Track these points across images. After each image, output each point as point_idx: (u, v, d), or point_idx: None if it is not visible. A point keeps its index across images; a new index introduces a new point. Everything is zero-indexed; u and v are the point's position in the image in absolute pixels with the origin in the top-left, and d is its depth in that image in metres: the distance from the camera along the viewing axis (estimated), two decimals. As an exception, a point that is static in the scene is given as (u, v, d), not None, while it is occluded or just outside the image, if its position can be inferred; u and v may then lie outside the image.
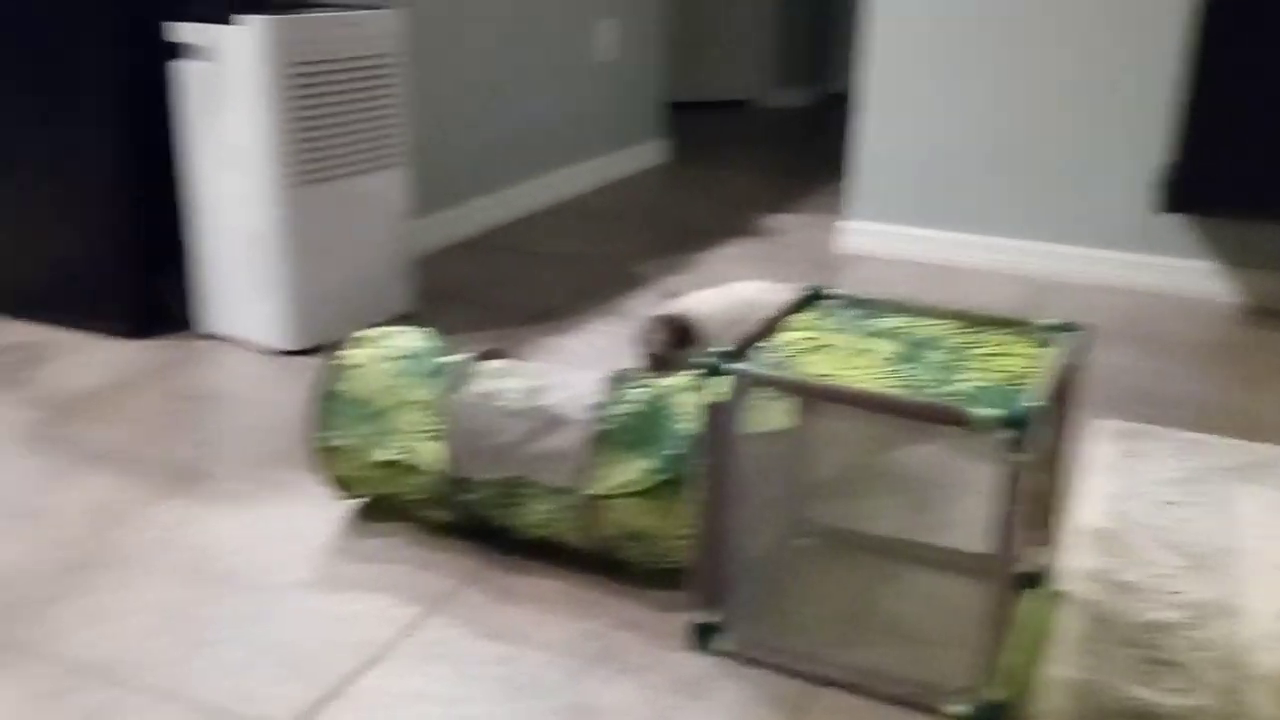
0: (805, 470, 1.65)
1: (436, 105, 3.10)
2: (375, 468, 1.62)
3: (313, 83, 2.24)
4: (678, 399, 1.51)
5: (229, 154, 2.25)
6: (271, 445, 1.94)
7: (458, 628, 1.45)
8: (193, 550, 1.62)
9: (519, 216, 3.54)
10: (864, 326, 1.49)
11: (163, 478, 1.83)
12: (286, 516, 1.72)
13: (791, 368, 1.35)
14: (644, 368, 1.96)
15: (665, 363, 1.96)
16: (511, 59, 3.43)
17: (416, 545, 1.64)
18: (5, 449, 1.91)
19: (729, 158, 4.68)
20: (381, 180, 2.45)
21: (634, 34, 4.10)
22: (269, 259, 2.28)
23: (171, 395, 2.14)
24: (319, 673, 1.36)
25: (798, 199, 3.91)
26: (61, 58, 2.28)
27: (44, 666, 1.36)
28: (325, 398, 1.65)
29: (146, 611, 1.47)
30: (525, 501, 1.55)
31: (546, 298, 2.77)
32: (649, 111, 4.35)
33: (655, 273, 2.97)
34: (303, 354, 2.34)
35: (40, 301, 2.47)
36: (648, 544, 1.50)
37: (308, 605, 1.50)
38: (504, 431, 1.55)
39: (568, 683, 1.35)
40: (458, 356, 1.68)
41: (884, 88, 3.14)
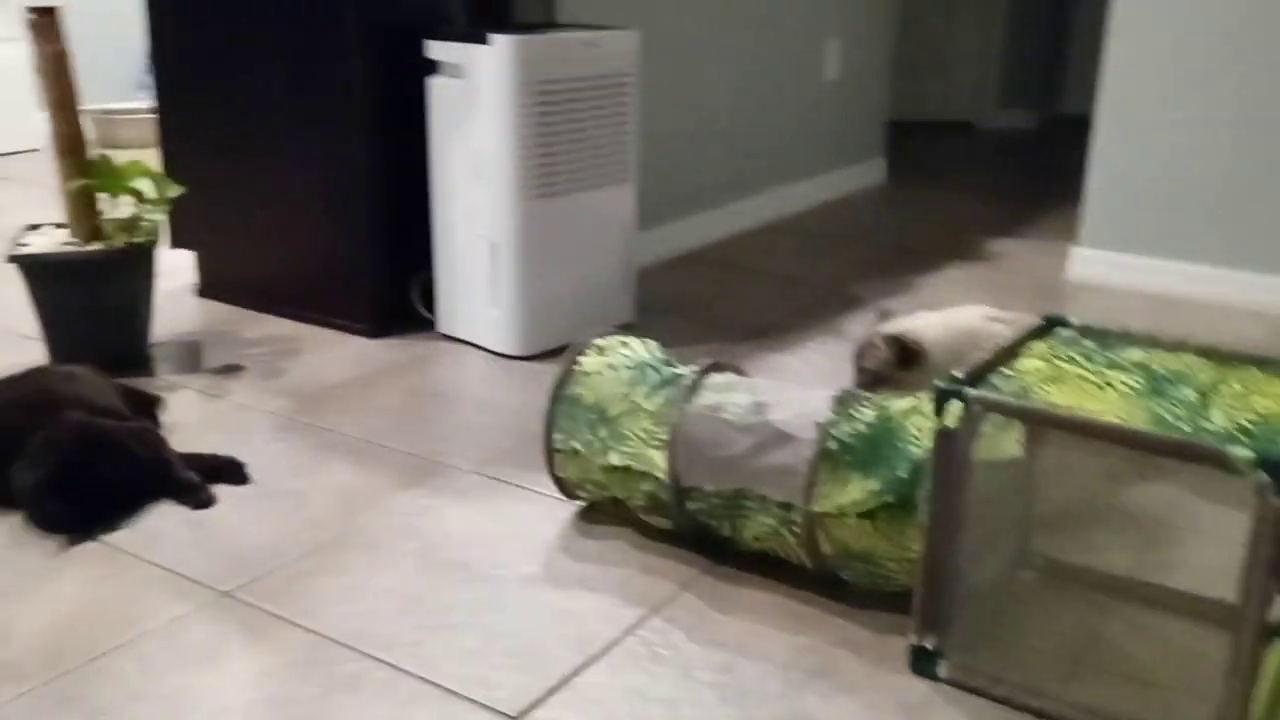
0: (1033, 501, 1.62)
1: (660, 122, 3.17)
2: (605, 472, 1.68)
3: (554, 100, 2.33)
4: (907, 421, 1.51)
5: (473, 166, 2.37)
6: (501, 444, 2.03)
7: (678, 632, 1.49)
8: (429, 538, 1.72)
9: (736, 233, 3.58)
10: (1104, 358, 1.46)
11: (402, 468, 1.94)
12: (515, 513, 1.80)
13: (1030, 397, 1.33)
14: (861, 384, 1.94)
15: (884, 381, 1.94)
16: (737, 77, 3.47)
17: (638, 549, 1.69)
18: (261, 434, 2.06)
19: (950, 179, 4.60)
20: (612, 194, 2.52)
21: (857, 53, 4.09)
22: (504, 267, 2.39)
23: (410, 392, 2.26)
24: (545, 664, 1.42)
25: (1023, 224, 3.81)
26: (327, 71, 2.45)
27: (298, 636, 1.47)
28: (561, 401, 1.72)
29: (391, 593, 1.57)
30: (748, 514, 1.58)
31: (764, 315, 2.79)
32: (870, 131, 4.33)
33: (873, 294, 2.96)
34: (529, 359, 2.44)
35: (294, 299, 2.66)
36: (869, 565, 1.51)
37: (535, 599, 1.56)
38: (730, 444, 1.58)
39: (786, 694, 1.37)
40: (686, 368, 1.72)
41: (1122, 111, 3.03)
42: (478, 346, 2.50)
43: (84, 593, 1.56)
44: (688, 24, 3.21)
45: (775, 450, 1.55)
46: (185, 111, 2.71)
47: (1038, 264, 3.31)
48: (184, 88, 2.70)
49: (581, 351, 1.76)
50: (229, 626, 1.49)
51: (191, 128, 2.71)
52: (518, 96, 2.27)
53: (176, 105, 2.73)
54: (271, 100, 2.55)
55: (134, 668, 1.40)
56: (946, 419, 1.31)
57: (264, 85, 2.55)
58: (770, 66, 3.62)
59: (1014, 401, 1.32)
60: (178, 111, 2.73)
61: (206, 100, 2.66)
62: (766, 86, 3.62)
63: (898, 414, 1.52)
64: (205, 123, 2.68)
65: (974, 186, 4.48)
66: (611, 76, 2.44)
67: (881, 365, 1.94)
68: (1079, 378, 1.40)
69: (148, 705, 1.33)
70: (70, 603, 1.53)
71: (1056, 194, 4.25)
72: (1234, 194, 2.93)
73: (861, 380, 1.96)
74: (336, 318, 2.60)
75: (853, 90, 4.11)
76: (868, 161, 4.35)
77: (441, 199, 2.47)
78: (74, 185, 2.24)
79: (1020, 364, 1.44)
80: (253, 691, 1.36)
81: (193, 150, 2.72)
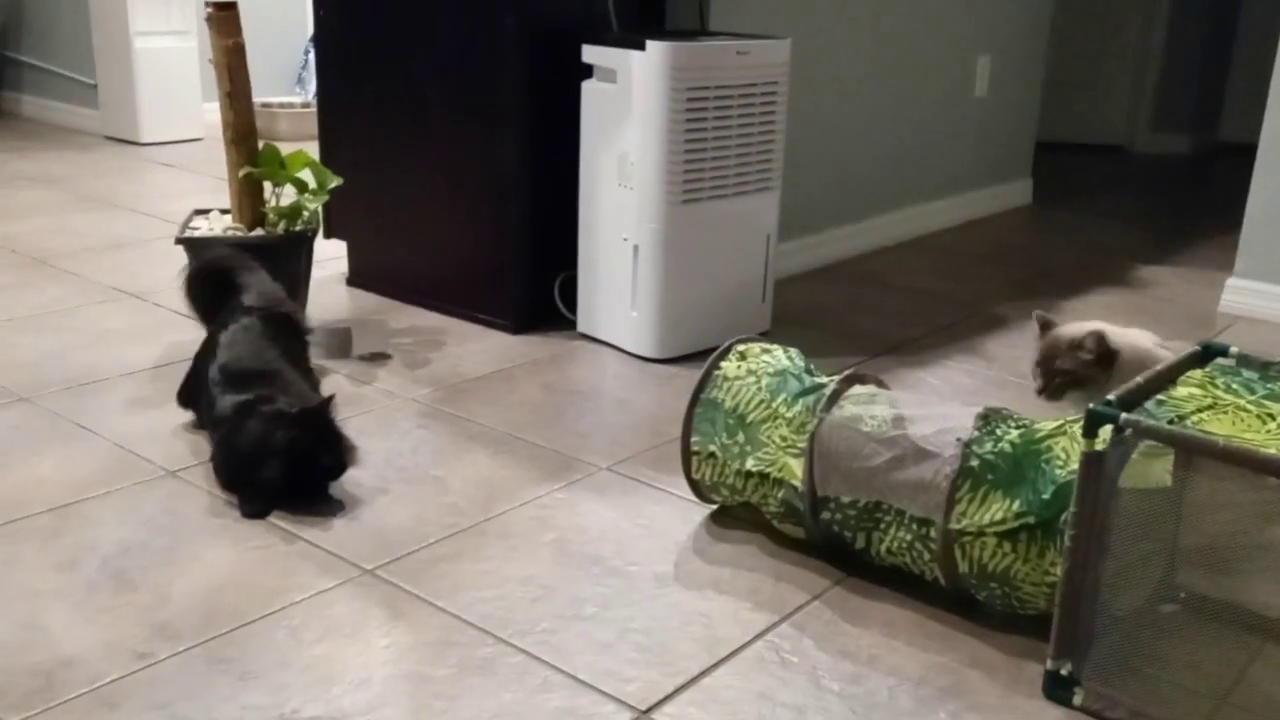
0: (1182, 533, 1.57)
1: (806, 132, 3.17)
2: (741, 477, 1.69)
3: (704, 106, 2.35)
4: (1052, 442, 1.48)
5: (621, 169, 2.41)
6: (637, 444, 2.06)
7: (807, 639, 1.49)
8: (565, 531, 1.75)
9: (876, 248, 3.55)
10: (1265, 389, 1.41)
11: (540, 462, 1.98)
12: (649, 512, 1.82)
13: (1185, 424, 1.30)
14: (1052, 387, 1.88)
15: (1078, 382, 1.86)
16: (886, 91, 3.44)
17: (770, 556, 1.70)
18: (405, 420, 2.13)
19: (1098, 203, 4.49)
20: (756, 203, 2.53)
21: (1007, 70, 4.02)
22: (645, 271, 2.42)
23: (549, 388, 2.31)
24: (674, 661, 1.44)
25: (1174, 252, 3.69)
26: (483, 71, 2.52)
27: (435, 617, 1.52)
28: (700, 404, 1.73)
29: (526, 582, 1.61)
30: (884, 527, 1.57)
31: (902, 330, 2.77)
32: (1017, 151, 4.25)
33: (1014, 315, 2.90)
34: (665, 362, 2.46)
35: (440, 292, 2.73)
36: (1006, 587, 1.48)
37: (666, 597, 1.58)
38: (869, 456, 1.57)
39: (917, 711, 1.36)
40: (827, 378, 1.72)
41: (1289, 139, 2.92)
42: (616, 347, 2.54)
43: (237, 562, 1.63)
44: (840, 35, 3.20)
45: (914, 465, 1.54)
46: (345, 106, 2.82)
47: (1189, 293, 3.21)
48: (345, 83, 2.80)
49: (723, 356, 1.77)
50: (371, 603, 1.54)
51: (350, 122, 2.81)
52: (669, 102, 2.30)
53: (336, 100, 2.84)
54: (427, 98, 2.63)
55: (281, 636, 1.46)
56: (1097, 442, 1.29)
57: (421, 83, 2.64)
58: (920, 82, 3.58)
59: (1169, 428, 1.29)
60: (337, 106, 2.84)
61: (365, 96, 2.76)
62: (915, 102, 3.59)
63: (1043, 434, 1.50)
64: (363, 118, 2.78)
65: (1123, 211, 4.36)
66: (761, 85, 2.46)
67: (1080, 365, 1.86)
68: (1237, 408, 1.36)
69: (293, 672, 1.39)
70: (224, 571, 1.61)
71: (1210, 222, 4.11)
72: (1407, 229, 2.80)
73: (1053, 382, 1.88)
74: (480, 312, 2.67)
75: (1001, 108, 4.04)
76: (1014, 181, 4.26)
77: (588, 201, 2.51)
78: (241, 173, 2.35)
79: (1176, 391, 1.41)
80: (391, 667, 1.41)
81: (350, 144, 2.82)
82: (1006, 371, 2.51)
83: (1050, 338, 1.90)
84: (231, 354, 1.95)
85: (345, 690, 1.36)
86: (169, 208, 3.71)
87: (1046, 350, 1.88)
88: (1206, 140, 5.89)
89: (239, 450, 1.81)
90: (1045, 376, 1.87)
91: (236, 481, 1.82)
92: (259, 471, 1.77)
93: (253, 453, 1.78)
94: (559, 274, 2.65)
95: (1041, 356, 1.88)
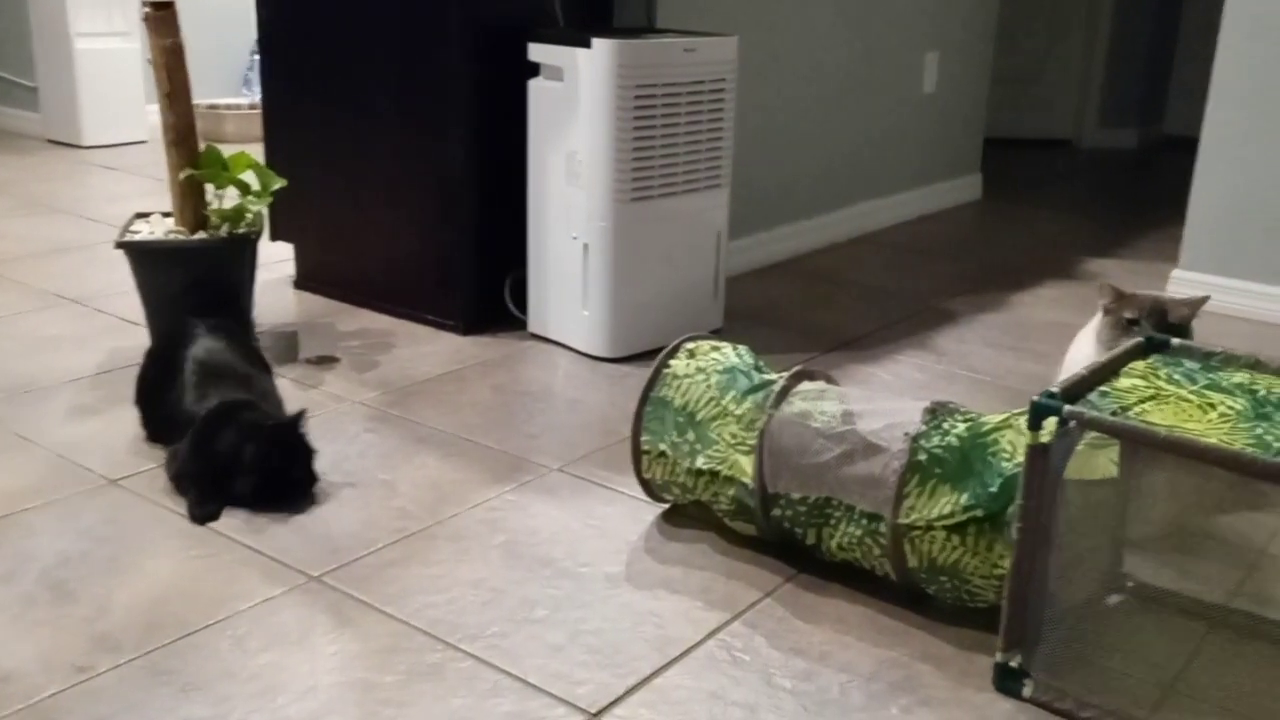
0: (1127, 523, 1.59)
1: (753, 130, 3.17)
2: (691, 475, 1.68)
3: (652, 104, 2.34)
4: (997, 435, 1.49)
5: (569, 167, 2.39)
6: (588, 444, 2.05)
7: (759, 637, 1.49)
8: (515, 533, 1.73)
9: (827, 244, 3.56)
10: (1206, 380, 1.42)
11: (490, 464, 1.96)
12: (600, 512, 1.81)
13: (1128, 416, 1.31)
14: (1114, 334, 1.88)
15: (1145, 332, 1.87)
16: (834, 88, 3.45)
17: (722, 554, 1.69)
18: (353, 424, 2.10)
19: (1047, 198, 4.53)
20: (706, 200, 2.53)
21: (956, 67, 4.05)
22: (596, 269, 2.40)
23: (500, 389, 2.29)
24: (626, 663, 1.43)
25: (1121, 245, 3.73)
26: (428, 71, 2.49)
27: (383, 623, 1.50)
28: (650, 403, 1.72)
29: (476, 585, 1.59)
30: (834, 523, 1.57)
31: (853, 326, 2.77)
32: (966, 146, 4.28)
33: (965, 310, 2.92)
34: (617, 361, 2.45)
35: (389, 294, 2.70)
36: (956, 580, 1.49)
37: (617, 598, 1.57)
38: (818, 452, 1.57)
39: (868, 706, 1.36)
40: (776, 375, 1.72)
41: (1228, 132, 2.96)
42: (567, 347, 2.52)
43: (180, 571, 1.60)
44: (788, 32, 3.20)
45: (863, 460, 1.54)
46: (289, 107, 2.78)
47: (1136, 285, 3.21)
48: (289, 84, 2.77)
49: (672, 354, 1.76)
50: (317, 610, 1.52)
51: (295, 123, 2.78)
52: (616, 100, 2.29)
53: (281, 101, 2.80)
54: (373, 98, 2.60)
55: (225, 645, 1.44)
56: (1041, 434, 1.29)
57: (366, 83, 2.61)
58: (868, 78, 3.59)
59: (1112, 419, 1.29)
60: (282, 107, 2.80)
61: (310, 97, 2.73)
62: (864, 98, 3.60)
63: (989, 428, 1.50)
64: (308, 118, 2.74)
65: (1071, 205, 4.40)
66: (710, 82, 2.45)
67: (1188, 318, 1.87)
68: (1179, 398, 1.37)
69: (237, 683, 1.37)
70: (167, 580, 1.58)
71: (1156, 215, 4.16)
72: (1346, 219, 2.84)
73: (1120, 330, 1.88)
74: (429, 313, 2.64)
75: (950, 104, 4.07)
76: (963, 177, 4.29)
77: (536, 200, 2.50)
78: (182, 175, 2.31)
79: (1119, 382, 1.42)
80: (338, 675, 1.39)
81: (295, 145, 2.79)
82: (956, 365, 2.52)
83: (1154, 297, 1.90)
84: (208, 351, 1.96)
85: (291, 699, 1.34)
86: (111, 211, 3.65)
87: (1156, 306, 1.88)
88: (1152, 134, 5.97)
89: (211, 456, 1.78)
90: (1157, 330, 1.85)
91: (197, 483, 1.79)
92: (232, 483, 1.77)
93: (227, 463, 1.77)
94: (509, 274, 2.63)
95: (1150, 311, 1.88)
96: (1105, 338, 1.92)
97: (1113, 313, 1.92)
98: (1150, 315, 1.88)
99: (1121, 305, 1.91)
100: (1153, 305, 1.89)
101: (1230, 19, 2.92)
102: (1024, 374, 2.47)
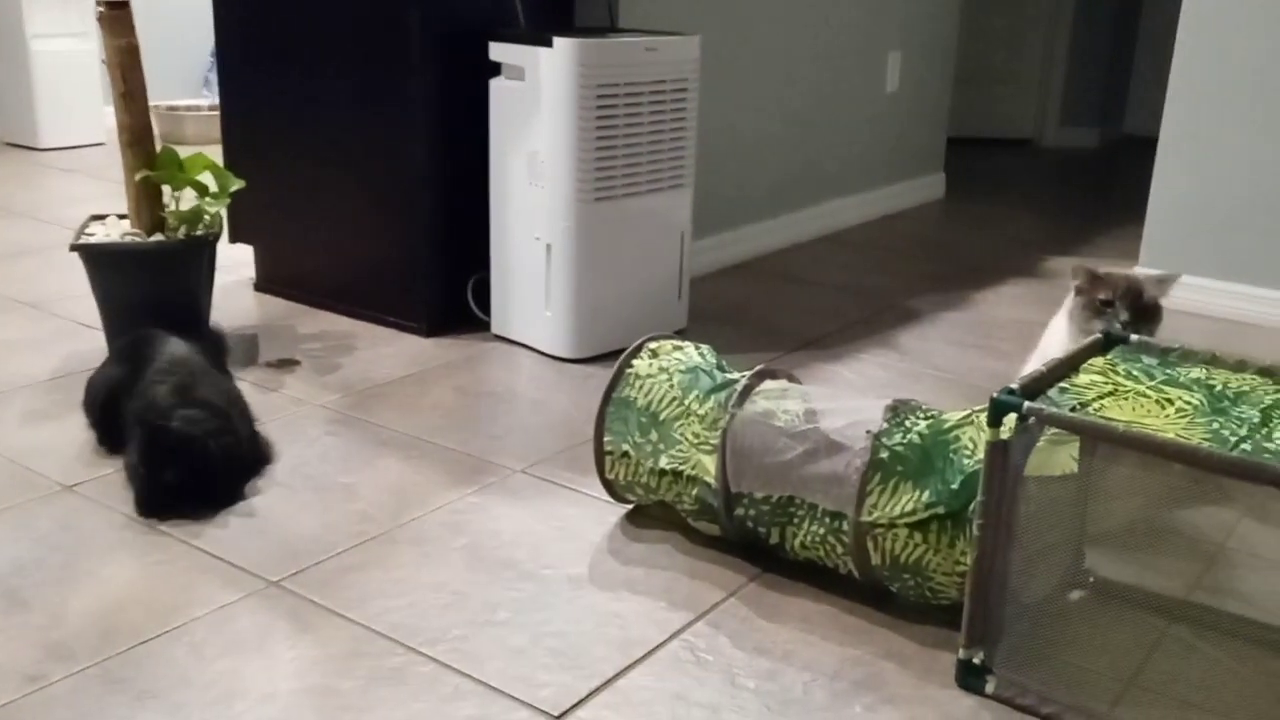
0: (1088, 519, 1.59)
1: (718, 129, 3.17)
2: (655, 475, 1.68)
3: (614, 104, 2.33)
4: (958, 432, 1.49)
5: (532, 168, 2.38)
6: (552, 445, 2.04)
7: (723, 637, 1.48)
8: (478, 536, 1.72)
9: (792, 244, 3.56)
10: (1164, 375, 1.43)
11: (453, 466, 1.95)
12: (563, 514, 1.80)
13: (1087, 412, 1.31)
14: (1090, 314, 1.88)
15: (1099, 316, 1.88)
16: (797, 88, 3.46)
17: (685, 554, 1.69)
18: (314, 427, 2.08)
19: (1010, 196, 4.56)
20: (669, 200, 2.52)
21: (918, 67, 4.06)
22: (559, 270, 2.39)
23: (463, 391, 2.27)
24: (588, 664, 1.42)
25: (1083, 243, 3.76)
26: (389, 71, 2.47)
27: (343, 628, 1.48)
28: (612, 403, 1.72)
29: (437, 589, 1.57)
30: (797, 522, 1.57)
31: (818, 325, 2.78)
32: (929, 146, 4.30)
33: (928, 308, 2.93)
34: (581, 362, 2.44)
35: (350, 296, 2.68)
36: (919, 577, 1.49)
37: (580, 600, 1.56)
38: (781, 451, 1.57)
39: (831, 705, 1.35)
40: (739, 374, 1.71)
41: (1186, 131, 2.98)
42: (530, 348, 2.51)
43: (137, 578, 1.58)
44: (749, 32, 3.20)
45: (826, 458, 1.54)
46: (248, 108, 2.75)
47: (1098, 281, 3.26)
48: (248, 84, 2.74)
49: (635, 355, 1.76)
50: (276, 616, 1.50)
51: (254, 124, 2.75)
52: (578, 99, 2.28)
53: (240, 101, 2.77)
54: (333, 98, 2.58)
55: (182, 653, 1.42)
56: (1001, 430, 1.29)
57: (326, 83, 2.58)
58: (831, 78, 3.60)
59: (1071, 415, 1.30)
60: (241, 107, 2.77)
61: (269, 97, 2.70)
62: (827, 98, 3.61)
63: (950, 425, 1.51)
64: (267, 119, 2.72)
65: (1034, 204, 4.43)
66: (672, 82, 2.44)
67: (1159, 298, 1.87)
68: (1137, 394, 1.38)
69: (193, 690, 1.35)
70: (122, 587, 1.55)
71: (1117, 213, 4.19)
72: (1302, 216, 2.88)
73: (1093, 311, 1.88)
74: (392, 315, 2.62)
75: (913, 104, 4.08)
76: (927, 176, 4.31)
77: (499, 200, 2.48)
78: (138, 176, 2.28)
79: (1078, 378, 1.42)
80: (296, 681, 1.37)
81: (254, 146, 2.76)
82: (920, 363, 2.53)
83: (1127, 276, 1.90)
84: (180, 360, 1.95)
85: (249, 706, 1.32)
86: (68, 214, 3.60)
87: (1131, 286, 1.88)
88: (1112, 134, 6.02)
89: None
90: (1132, 310, 1.86)
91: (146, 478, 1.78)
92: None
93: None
94: (472, 275, 2.61)
95: (1124, 292, 1.87)
96: (1079, 319, 1.92)
97: (1086, 293, 1.92)
98: (1124, 296, 1.88)
99: (1095, 287, 1.91)
100: (1127, 286, 1.88)
101: (1187, 21, 2.95)
102: (987, 371, 2.48)
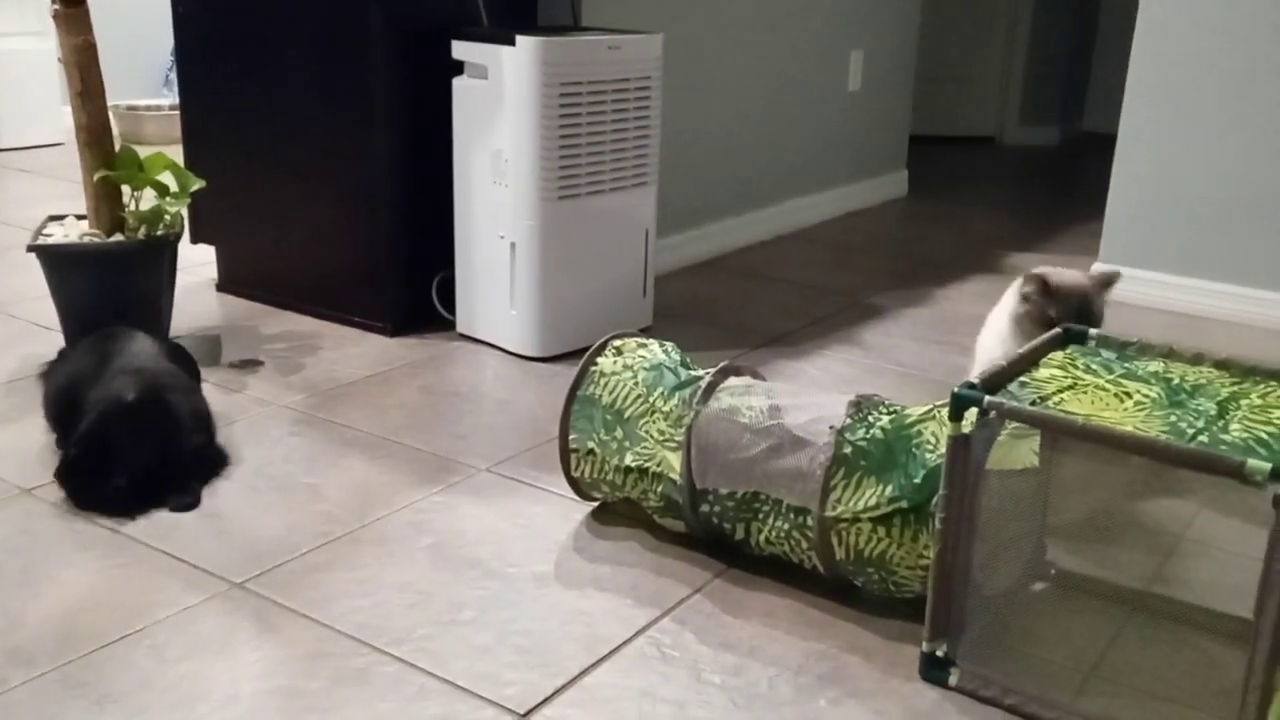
0: (1048, 511, 1.61)
1: (682, 128, 3.18)
2: (620, 473, 1.68)
3: (577, 102, 2.33)
4: (920, 427, 1.50)
5: (495, 166, 2.38)
6: (517, 444, 2.03)
7: (688, 634, 1.49)
8: (443, 536, 1.72)
9: (756, 242, 3.58)
10: (1123, 369, 1.45)
11: (418, 466, 1.94)
12: (529, 512, 1.80)
13: (1047, 406, 1.32)
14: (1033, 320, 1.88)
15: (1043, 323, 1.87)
16: (760, 86, 3.47)
17: (651, 551, 1.69)
18: (277, 428, 2.07)
19: (971, 194, 4.59)
20: (633, 198, 2.53)
21: (880, 65, 4.09)
22: (524, 268, 2.39)
23: (428, 390, 2.26)
24: (554, 662, 1.42)
25: (1044, 239, 3.80)
26: (351, 69, 2.46)
27: (308, 629, 1.47)
28: (577, 401, 1.72)
29: (402, 588, 1.57)
30: (763, 517, 1.57)
31: (782, 322, 2.79)
32: (891, 144, 4.32)
33: (892, 305, 2.95)
34: (546, 361, 2.44)
35: (314, 296, 2.67)
36: (883, 571, 1.50)
37: (546, 598, 1.56)
38: (746, 447, 1.57)
39: (796, 699, 1.36)
40: (703, 371, 1.72)
41: (1144, 128, 3.02)
42: (496, 347, 2.50)
43: (97, 580, 1.56)
44: (712, 31, 3.21)
45: (790, 454, 1.54)
46: (209, 107, 2.73)
47: (1058, 278, 3.29)
48: (208, 83, 2.72)
49: (599, 352, 1.76)
50: (240, 618, 1.49)
51: (215, 123, 2.73)
52: (541, 97, 2.28)
53: (200, 100, 2.75)
54: (295, 97, 2.57)
55: (143, 656, 1.40)
56: (962, 425, 1.30)
57: (288, 82, 2.57)
58: (793, 77, 3.62)
59: (1031, 409, 1.31)
60: (201, 107, 2.75)
61: (230, 96, 2.68)
62: (789, 97, 3.62)
63: (913, 420, 1.52)
64: (228, 118, 2.70)
65: (995, 201, 4.47)
66: (635, 80, 2.45)
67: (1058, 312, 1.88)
68: (1096, 387, 1.39)
69: (155, 693, 1.33)
70: (82, 590, 1.54)
71: (1078, 210, 4.24)
72: (1256, 212, 2.92)
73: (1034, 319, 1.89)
74: (356, 315, 2.61)
75: (875, 102, 4.11)
76: (889, 174, 4.34)
77: (463, 199, 2.48)
78: (97, 176, 2.25)
79: (1038, 373, 1.44)
80: (261, 682, 1.36)
81: (216, 146, 2.73)
82: (883, 359, 2.54)
83: (1077, 288, 1.90)
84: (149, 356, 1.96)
85: (212, 709, 1.31)
86: (26, 215, 3.56)
87: (1082, 305, 1.88)
88: (1072, 131, 6.08)
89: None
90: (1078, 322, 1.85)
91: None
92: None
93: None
94: (436, 274, 2.60)
95: (1074, 310, 1.86)
96: (1024, 327, 1.93)
97: (1035, 305, 1.93)
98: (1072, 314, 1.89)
99: (1046, 302, 1.92)
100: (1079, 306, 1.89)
101: (1144, 20, 2.99)
102: (949, 367, 2.50)
